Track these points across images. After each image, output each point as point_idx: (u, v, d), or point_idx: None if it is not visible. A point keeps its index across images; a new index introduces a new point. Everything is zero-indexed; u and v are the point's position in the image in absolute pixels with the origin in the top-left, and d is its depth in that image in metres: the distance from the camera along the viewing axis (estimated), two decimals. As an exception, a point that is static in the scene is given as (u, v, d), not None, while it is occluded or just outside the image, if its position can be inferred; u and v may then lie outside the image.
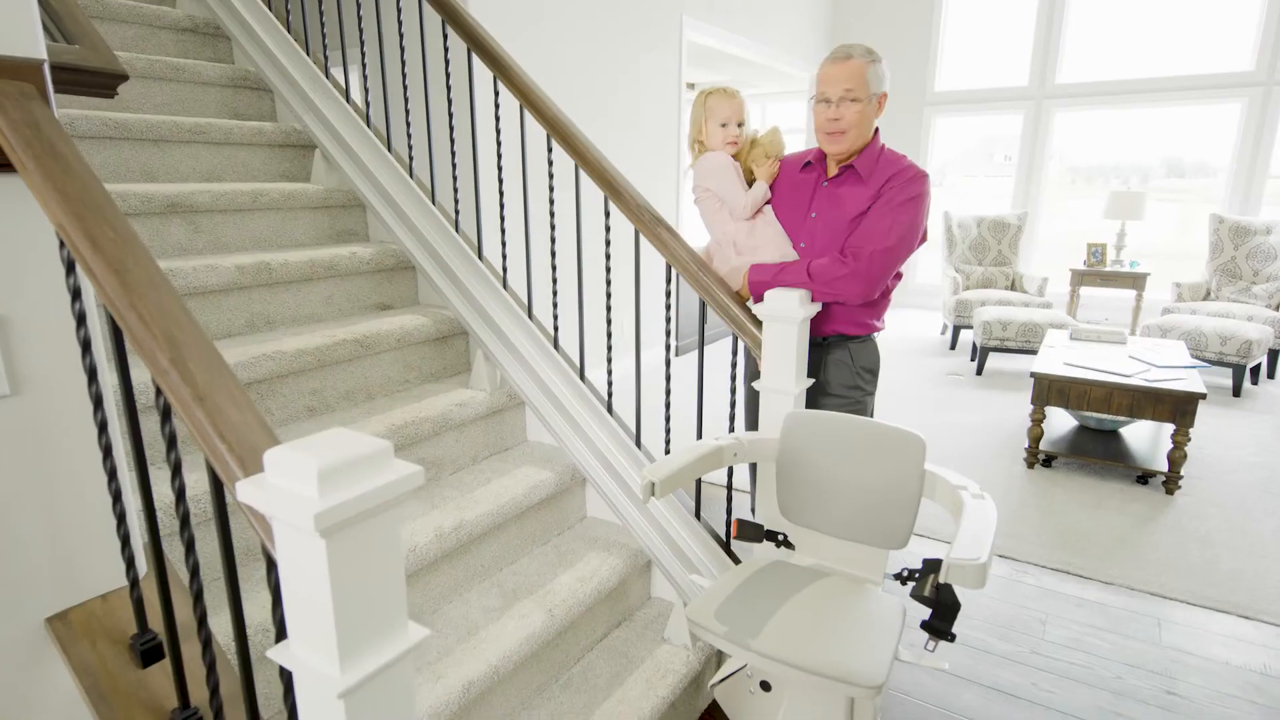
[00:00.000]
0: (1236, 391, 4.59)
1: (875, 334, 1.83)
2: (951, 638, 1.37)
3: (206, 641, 0.95)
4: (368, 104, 2.30)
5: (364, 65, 2.28)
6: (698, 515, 1.93)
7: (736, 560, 1.88)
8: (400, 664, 0.75)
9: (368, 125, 2.30)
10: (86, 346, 0.97)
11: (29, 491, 1.02)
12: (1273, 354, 5.01)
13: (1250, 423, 4.09)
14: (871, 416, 1.91)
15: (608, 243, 1.91)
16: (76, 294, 0.96)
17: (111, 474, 1.03)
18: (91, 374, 0.98)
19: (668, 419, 1.95)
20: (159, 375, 0.80)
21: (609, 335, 1.95)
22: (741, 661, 1.55)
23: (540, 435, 2.17)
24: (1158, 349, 3.75)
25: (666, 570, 1.93)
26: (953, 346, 5.87)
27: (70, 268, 0.94)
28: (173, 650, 1.01)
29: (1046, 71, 6.48)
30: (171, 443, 0.88)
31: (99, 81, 1.03)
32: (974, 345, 5.27)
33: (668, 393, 1.93)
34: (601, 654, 1.77)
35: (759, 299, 1.71)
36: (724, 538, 1.91)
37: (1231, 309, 5.01)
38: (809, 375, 1.80)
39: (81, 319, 0.96)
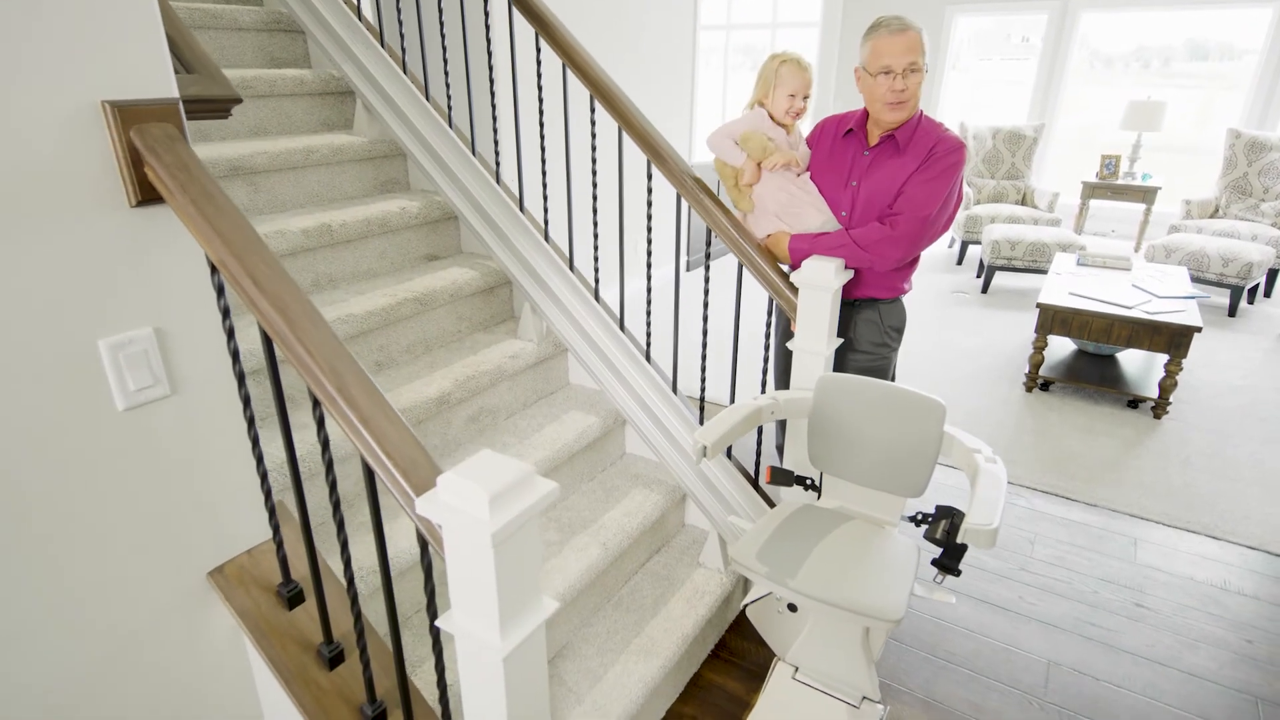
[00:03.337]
0: (1232, 312, 4.74)
1: (903, 296, 1.97)
2: (958, 573, 1.60)
3: (354, 598, 1.16)
4: (404, 50, 2.31)
5: (398, 7, 2.27)
6: (729, 454, 2.13)
7: (765, 496, 2.10)
8: (539, 630, 0.95)
9: (404, 72, 2.32)
10: (235, 356, 1.12)
11: (189, 470, 1.19)
12: (1271, 273, 5.13)
13: (1242, 344, 4.27)
14: (894, 369, 2.08)
15: (649, 204, 2.01)
16: (226, 313, 1.09)
17: (259, 459, 1.20)
18: (240, 379, 1.14)
19: (703, 370, 2.11)
20: (326, 400, 0.95)
21: (649, 291, 2.08)
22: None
23: (581, 379, 2.35)
24: (1160, 276, 3.88)
25: (700, 503, 2.15)
26: (959, 262, 5.96)
27: (220, 291, 1.07)
28: (318, 598, 1.23)
29: (1076, -30, 6.20)
30: (324, 446, 1.05)
31: (217, 107, 1.12)
32: (981, 262, 5.37)
33: (704, 346, 2.08)
34: (645, 578, 2.02)
35: (796, 266, 1.83)
36: (752, 475, 2.13)
37: (1237, 228, 5.08)
38: (838, 334, 1.95)
39: (231, 334, 1.10)
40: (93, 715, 1.16)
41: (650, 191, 2.00)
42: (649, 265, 2.08)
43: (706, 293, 2.02)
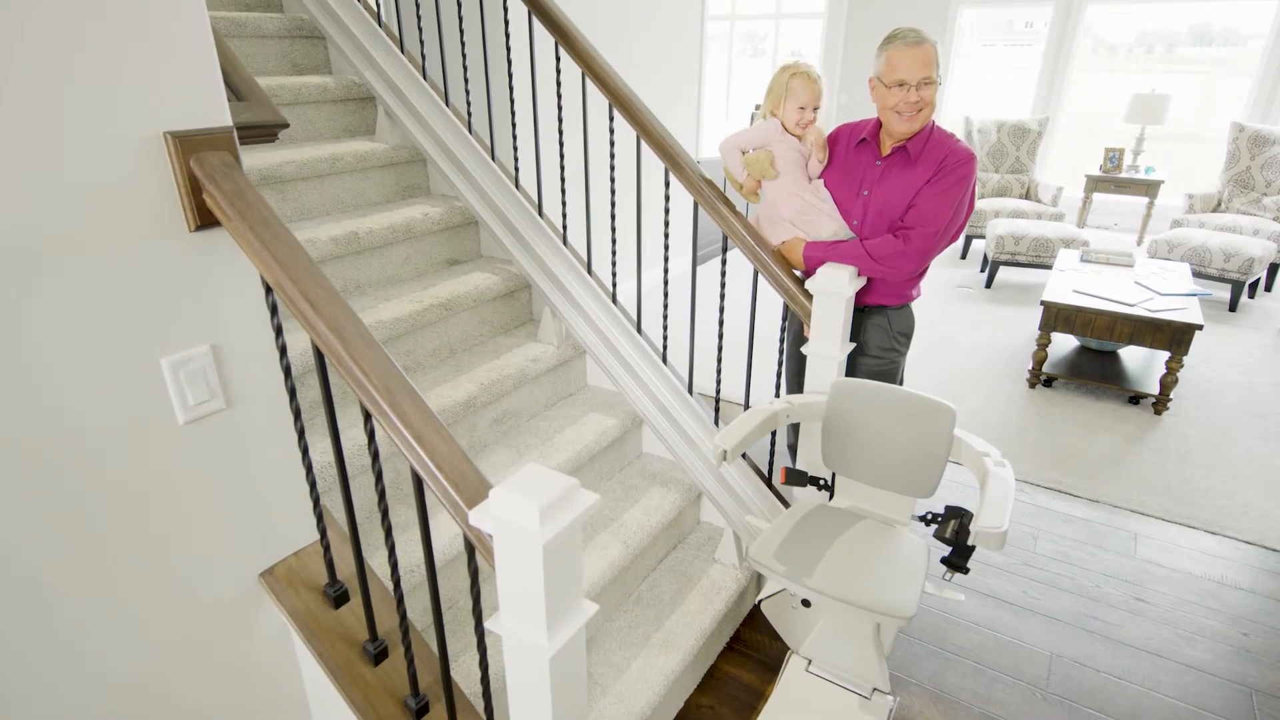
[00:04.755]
0: (1233, 306, 4.80)
1: (911, 302, 2.03)
2: (967, 571, 1.67)
3: (400, 599, 1.22)
4: (424, 56, 2.36)
5: (418, 14, 2.31)
6: (743, 454, 2.20)
7: (778, 495, 2.16)
8: (581, 631, 1.01)
9: (424, 78, 2.37)
10: (288, 372, 1.18)
11: (241, 478, 1.26)
12: (1272, 268, 5.18)
13: (1242, 339, 4.33)
14: (903, 373, 2.14)
15: (667, 211, 2.06)
16: (279, 331, 1.15)
17: (309, 468, 1.27)
18: (292, 393, 1.20)
19: (719, 369, 2.18)
20: (379, 415, 1.01)
21: (665, 296, 2.14)
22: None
23: (598, 380, 2.41)
24: (1163, 273, 3.93)
25: (716, 501, 2.22)
26: (963, 256, 6.01)
27: (274, 310, 1.13)
28: (364, 598, 1.29)
29: (1082, -36, 6.20)
30: (375, 458, 1.11)
31: (267, 132, 1.17)
32: (985, 256, 5.42)
33: (720, 349, 2.15)
34: (663, 573, 2.09)
35: (810, 272, 1.89)
36: (766, 475, 2.19)
37: (1239, 222, 5.12)
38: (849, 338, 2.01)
39: (283, 352, 1.16)
40: (154, 708, 1.23)
41: (668, 199, 2.05)
42: (665, 271, 2.14)
43: (723, 296, 2.08)
